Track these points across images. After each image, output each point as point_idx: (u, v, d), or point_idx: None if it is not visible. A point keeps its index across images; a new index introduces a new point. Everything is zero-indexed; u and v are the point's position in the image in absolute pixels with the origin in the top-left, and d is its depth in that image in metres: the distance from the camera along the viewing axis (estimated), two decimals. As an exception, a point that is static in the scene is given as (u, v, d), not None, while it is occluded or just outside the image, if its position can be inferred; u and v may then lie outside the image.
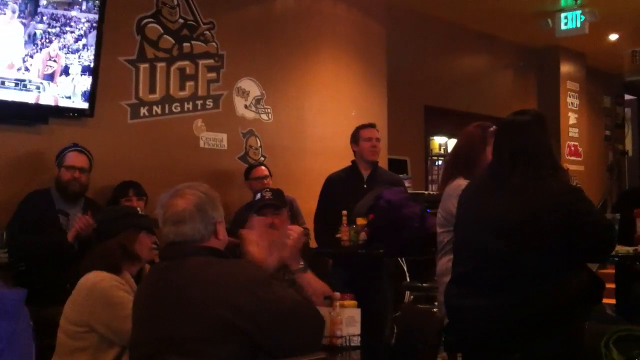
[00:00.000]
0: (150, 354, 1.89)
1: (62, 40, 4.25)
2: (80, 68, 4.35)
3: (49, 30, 4.19)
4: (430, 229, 3.78)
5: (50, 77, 4.22)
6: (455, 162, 3.34)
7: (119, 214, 2.83)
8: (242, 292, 1.89)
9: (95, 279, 2.58)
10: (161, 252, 2.11)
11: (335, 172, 4.81)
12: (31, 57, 4.12)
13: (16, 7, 4.01)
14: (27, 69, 4.11)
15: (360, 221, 4.09)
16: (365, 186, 4.58)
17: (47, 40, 4.19)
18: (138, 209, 2.82)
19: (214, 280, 1.92)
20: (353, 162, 4.72)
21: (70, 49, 4.29)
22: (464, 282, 2.57)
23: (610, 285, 4.26)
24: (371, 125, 4.74)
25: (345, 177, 4.71)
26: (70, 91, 4.33)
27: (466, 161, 3.24)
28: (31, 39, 4.12)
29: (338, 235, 4.16)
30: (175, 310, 1.91)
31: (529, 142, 2.56)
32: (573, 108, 9.31)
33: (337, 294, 2.82)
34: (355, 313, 2.62)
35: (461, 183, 3.08)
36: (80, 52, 4.35)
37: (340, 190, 4.60)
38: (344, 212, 4.16)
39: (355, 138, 4.73)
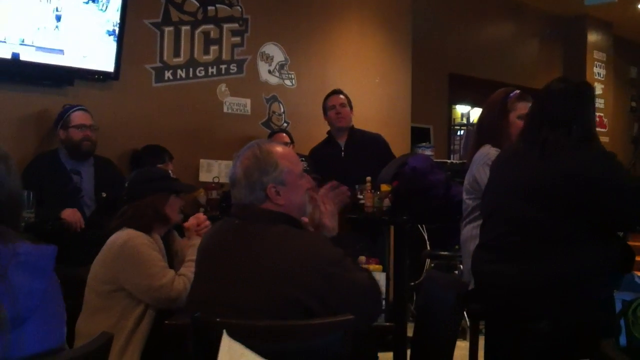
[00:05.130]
0: (210, 313, 1.88)
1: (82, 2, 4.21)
2: (103, 31, 4.31)
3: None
4: (455, 197, 3.77)
5: (72, 40, 4.19)
6: (480, 130, 3.32)
7: (153, 176, 2.87)
8: (316, 273, 1.88)
9: (127, 236, 2.62)
10: (232, 209, 2.09)
11: (315, 145, 4.87)
12: (57, 19, 4.09)
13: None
14: (47, 33, 4.06)
15: (384, 188, 4.08)
16: (342, 154, 4.61)
17: (68, 3, 4.15)
18: (170, 171, 2.85)
19: (291, 255, 1.91)
20: (328, 132, 4.76)
21: (91, 11, 4.25)
22: (493, 247, 2.56)
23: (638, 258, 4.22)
24: (334, 92, 4.77)
25: (322, 148, 4.79)
26: (93, 55, 4.30)
27: (489, 128, 3.21)
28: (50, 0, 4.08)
29: (362, 202, 4.16)
30: (246, 278, 1.91)
31: (558, 110, 2.54)
32: (599, 79, 9.17)
33: (362, 258, 2.84)
34: (381, 277, 2.64)
35: (489, 151, 3.06)
36: (103, 14, 4.31)
37: (319, 161, 4.64)
38: (368, 178, 4.15)
39: (324, 109, 4.78)
